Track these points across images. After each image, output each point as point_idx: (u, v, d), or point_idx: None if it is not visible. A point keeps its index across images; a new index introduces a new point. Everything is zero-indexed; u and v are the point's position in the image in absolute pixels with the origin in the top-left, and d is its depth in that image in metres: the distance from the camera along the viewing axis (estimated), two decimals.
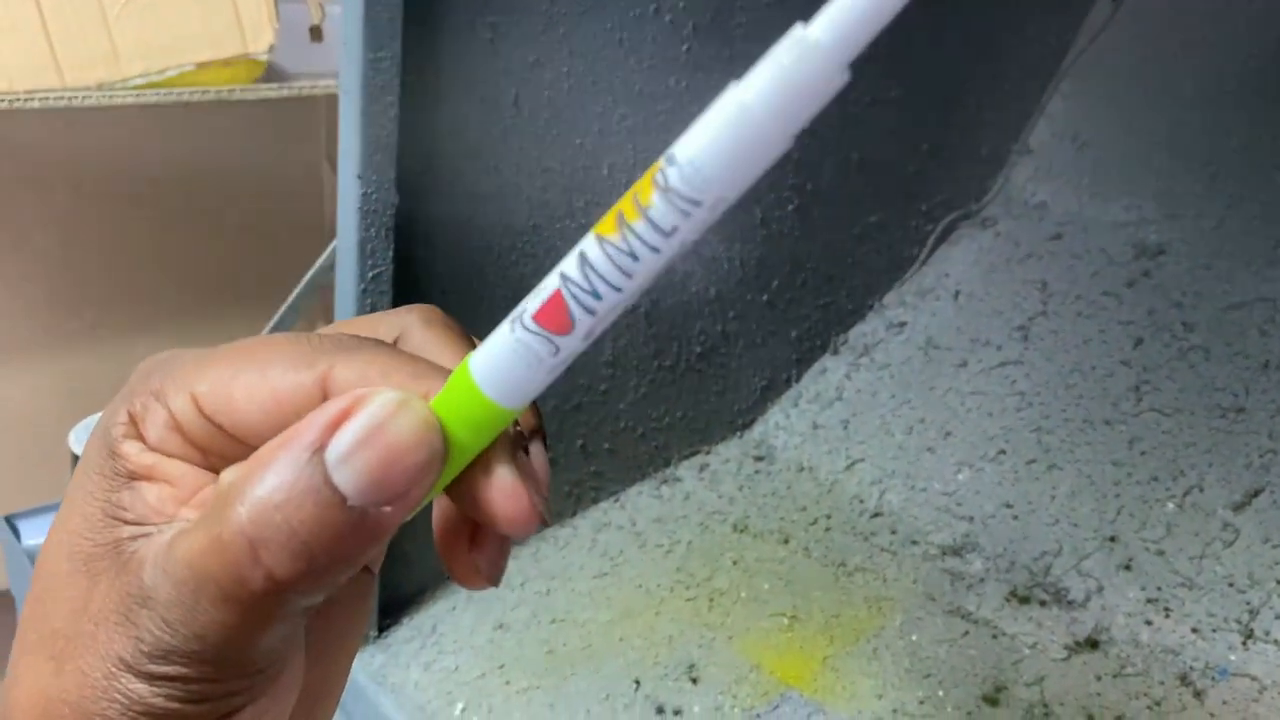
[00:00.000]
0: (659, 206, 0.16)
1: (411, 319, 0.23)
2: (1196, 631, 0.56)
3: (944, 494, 0.68)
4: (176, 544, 0.18)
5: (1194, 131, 0.72)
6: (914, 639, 0.58)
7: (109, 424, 0.20)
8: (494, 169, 0.56)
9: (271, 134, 1.33)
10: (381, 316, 0.24)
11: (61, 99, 1.04)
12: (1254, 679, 0.54)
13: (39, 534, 0.72)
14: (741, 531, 0.68)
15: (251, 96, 1.14)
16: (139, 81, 1.08)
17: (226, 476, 0.19)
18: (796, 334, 0.77)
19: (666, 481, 0.72)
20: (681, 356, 0.71)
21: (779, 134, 0.16)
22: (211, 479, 0.20)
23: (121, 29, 1.06)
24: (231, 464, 0.20)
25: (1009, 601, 0.61)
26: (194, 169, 1.30)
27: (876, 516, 0.69)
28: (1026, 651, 0.57)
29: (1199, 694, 0.53)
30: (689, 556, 0.66)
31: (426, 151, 0.52)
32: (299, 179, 1.37)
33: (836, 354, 0.79)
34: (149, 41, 1.07)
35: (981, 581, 0.62)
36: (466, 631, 0.60)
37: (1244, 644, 0.55)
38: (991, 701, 0.54)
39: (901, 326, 0.78)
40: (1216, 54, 0.71)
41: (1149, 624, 0.57)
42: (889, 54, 0.70)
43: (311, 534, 0.17)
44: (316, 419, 0.18)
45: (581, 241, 0.18)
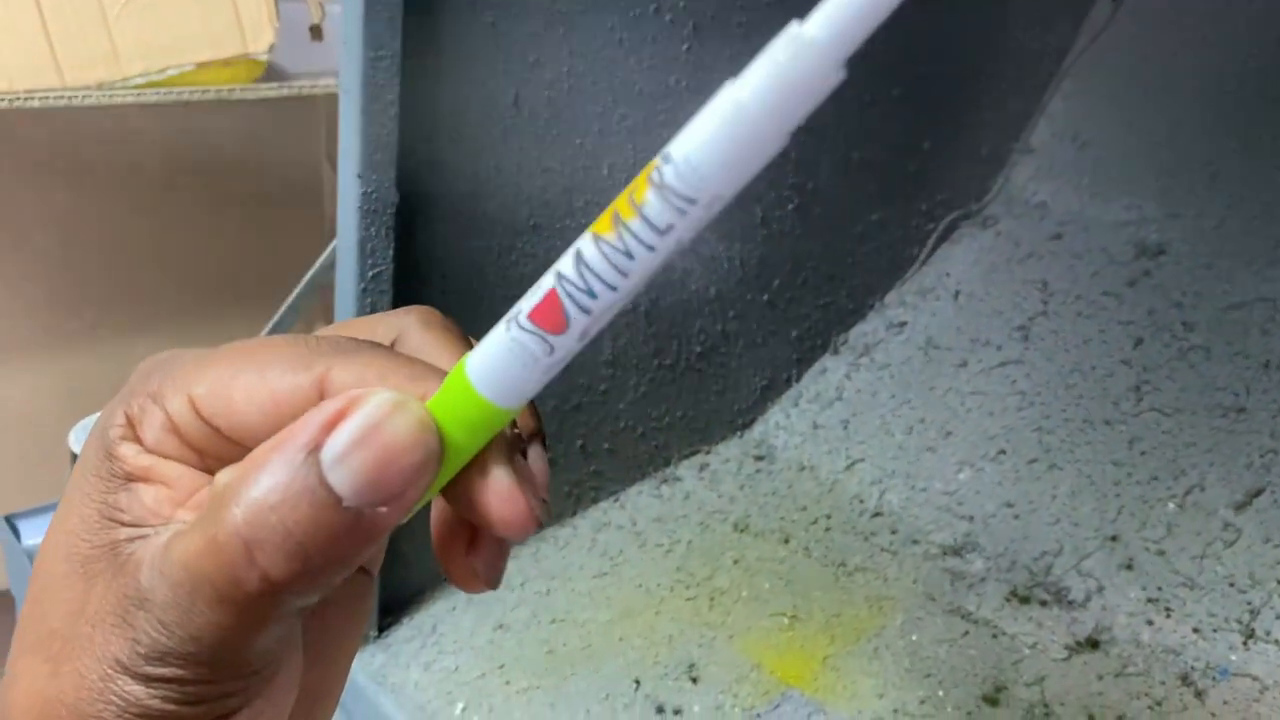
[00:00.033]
0: (654, 204, 0.16)
1: (410, 321, 0.23)
2: (1197, 631, 0.56)
3: (944, 494, 0.68)
4: (172, 546, 0.18)
5: (1194, 131, 0.72)
6: (914, 639, 0.58)
7: (106, 425, 0.20)
8: (494, 168, 0.56)
9: (272, 133, 1.33)
10: (379, 318, 0.23)
11: (61, 98, 1.04)
12: (1255, 679, 0.54)
13: (39, 534, 0.72)
14: (742, 531, 0.68)
15: (251, 96, 1.14)
16: (139, 81, 1.08)
17: (222, 478, 0.19)
18: (797, 333, 0.77)
19: (667, 481, 0.72)
20: (681, 356, 0.71)
21: (775, 132, 0.16)
22: (209, 481, 0.20)
23: (121, 29, 1.06)
24: (228, 466, 0.20)
25: (1009, 601, 0.61)
26: (194, 168, 1.30)
27: (877, 516, 0.69)
28: (1027, 651, 0.57)
29: (1200, 694, 0.53)
30: (689, 556, 0.66)
31: (427, 151, 0.52)
32: (299, 178, 1.37)
33: (837, 354, 0.79)
34: (149, 41, 1.07)
35: (982, 581, 0.62)
36: (467, 631, 0.60)
37: (1245, 644, 0.55)
38: (992, 701, 0.54)
39: (902, 326, 0.78)
40: (1217, 54, 0.71)
41: (1150, 624, 0.57)
42: (890, 53, 0.70)
43: (306, 535, 0.17)
44: (312, 419, 0.18)
45: (578, 240, 0.17)
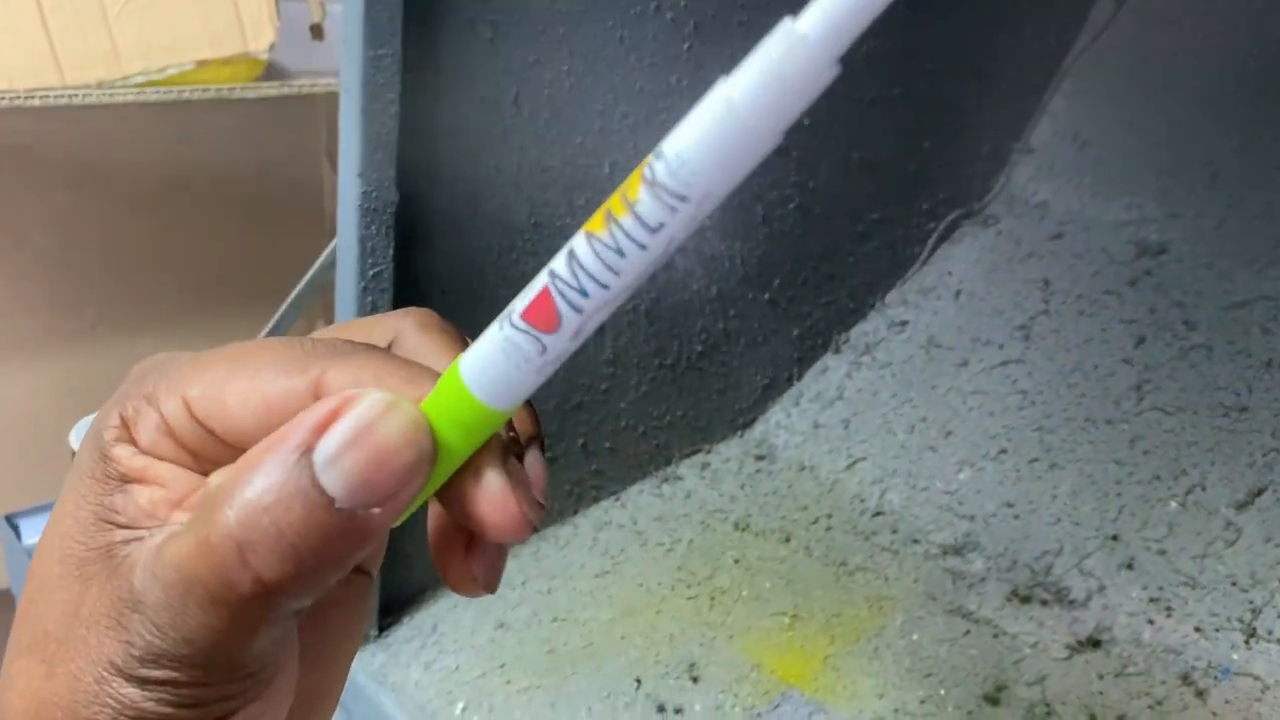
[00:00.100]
0: (646, 201, 0.16)
1: (407, 323, 0.23)
2: (1199, 631, 0.56)
3: (945, 493, 0.68)
4: (165, 547, 0.18)
5: (1195, 130, 0.72)
6: (915, 638, 0.58)
7: (101, 427, 0.20)
8: (494, 167, 0.56)
9: (272, 132, 1.33)
10: (376, 320, 0.23)
11: (62, 97, 1.04)
12: (1256, 678, 0.54)
13: (39, 533, 0.72)
14: (743, 530, 0.68)
15: (252, 95, 1.14)
16: (139, 80, 1.08)
17: (215, 479, 0.19)
18: (798, 332, 0.77)
19: (668, 480, 0.72)
20: (682, 355, 0.70)
21: (768, 129, 0.16)
22: (204, 483, 0.20)
23: (122, 27, 1.06)
24: (223, 467, 0.20)
25: (1010, 601, 0.60)
26: (194, 167, 1.29)
27: (878, 515, 0.69)
28: (1028, 651, 0.57)
29: (1201, 693, 0.53)
30: (690, 555, 0.66)
31: (427, 150, 0.52)
32: (299, 177, 1.37)
33: (838, 353, 0.79)
34: (149, 40, 1.07)
35: (983, 581, 0.62)
36: (467, 630, 0.60)
37: (1246, 643, 0.55)
38: (993, 701, 0.54)
39: (903, 325, 0.78)
40: (1218, 53, 0.71)
41: (1151, 623, 0.57)
42: (891, 52, 0.70)
43: (299, 536, 0.17)
44: (304, 420, 0.18)
45: (572, 238, 0.17)
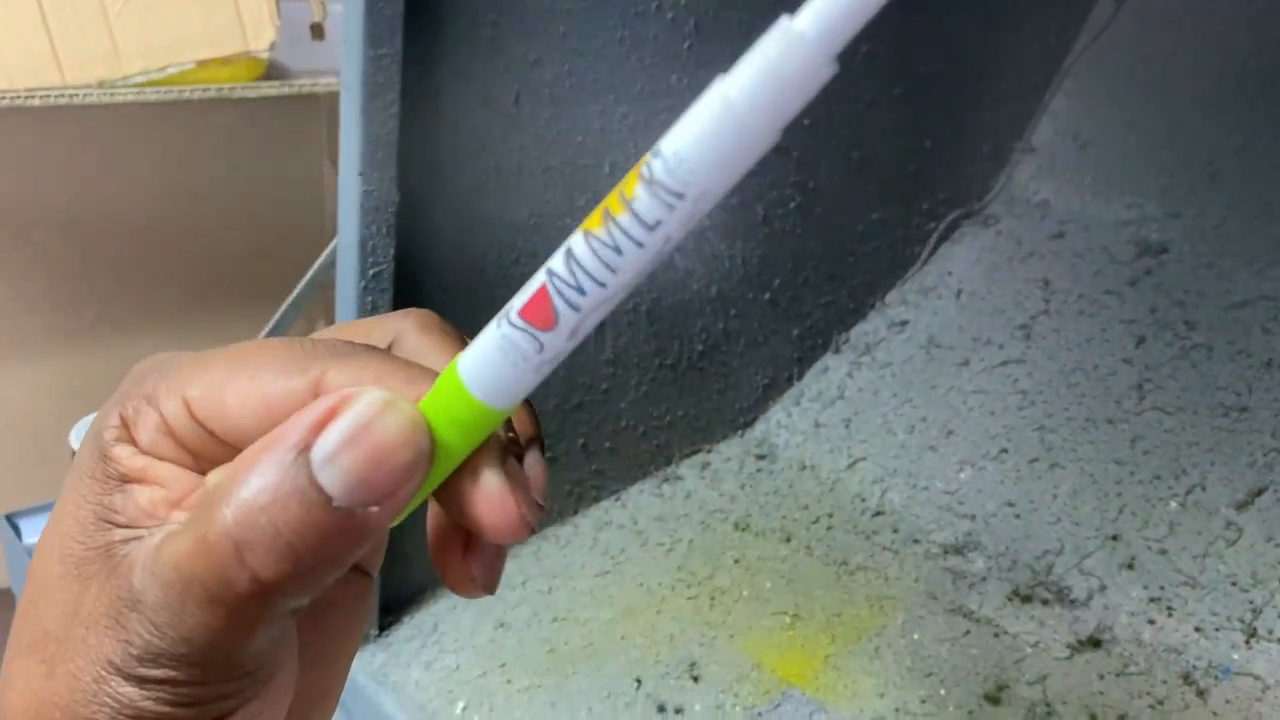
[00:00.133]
0: (643, 199, 0.16)
1: (407, 324, 0.23)
2: (1199, 630, 0.56)
3: (946, 493, 0.68)
4: (164, 547, 0.18)
5: (1196, 130, 0.72)
6: (916, 638, 0.58)
7: (101, 427, 0.20)
8: (495, 167, 0.56)
9: (272, 132, 1.33)
10: (377, 321, 0.23)
11: (62, 97, 1.04)
12: (1257, 678, 0.54)
13: (39, 533, 0.72)
14: (743, 530, 0.68)
15: (252, 94, 1.14)
16: (140, 79, 1.08)
17: (213, 478, 0.19)
18: (798, 332, 0.77)
19: (668, 480, 0.72)
20: (683, 355, 0.70)
21: (765, 128, 0.16)
22: (203, 482, 0.20)
23: (122, 27, 1.06)
24: (221, 466, 0.20)
25: (1011, 600, 0.60)
26: (195, 167, 1.29)
27: (878, 515, 0.69)
28: (1029, 650, 0.57)
29: (1202, 693, 0.53)
30: (690, 555, 0.66)
31: (428, 149, 0.52)
32: (300, 177, 1.37)
33: (838, 352, 0.79)
34: (150, 39, 1.07)
35: (983, 580, 0.62)
36: (467, 630, 0.60)
37: (1247, 643, 0.55)
38: (993, 700, 0.54)
39: (903, 325, 0.78)
40: (1218, 53, 0.71)
41: (1151, 623, 0.57)
42: (892, 52, 0.70)
43: (296, 535, 0.17)
44: (302, 419, 0.18)
45: (570, 237, 0.17)
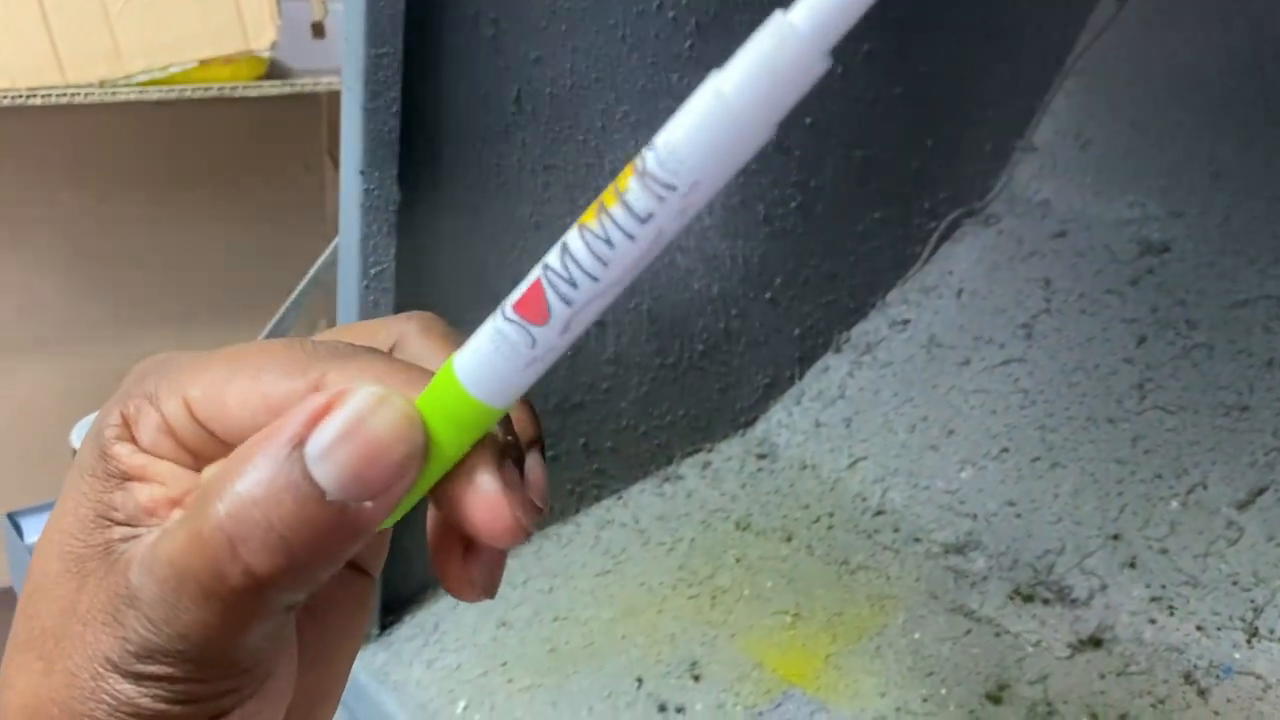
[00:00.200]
0: (635, 191, 0.16)
1: (410, 327, 0.23)
2: (1201, 630, 0.56)
3: (947, 492, 0.68)
4: (160, 543, 0.18)
5: (1197, 129, 0.72)
6: (917, 637, 0.58)
7: (102, 425, 0.20)
8: (496, 166, 0.56)
9: (274, 131, 1.33)
10: (379, 323, 0.23)
11: (64, 96, 1.04)
12: (1258, 677, 0.54)
13: (40, 531, 0.72)
14: (744, 529, 0.68)
15: (253, 93, 1.14)
16: (141, 78, 1.09)
17: (208, 473, 0.19)
18: (799, 332, 0.77)
19: (669, 479, 0.72)
20: (684, 354, 0.70)
21: (758, 121, 0.16)
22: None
23: (123, 26, 1.06)
24: (216, 462, 0.20)
25: (1012, 600, 0.60)
26: (196, 166, 1.30)
27: (879, 514, 0.69)
28: (1030, 650, 0.57)
29: (1203, 692, 0.53)
30: (691, 554, 0.66)
31: (429, 148, 0.52)
32: (301, 176, 1.37)
33: (839, 352, 0.79)
34: (151, 38, 1.07)
35: (984, 579, 0.62)
36: (469, 629, 0.60)
37: (1248, 642, 0.55)
38: (995, 700, 0.54)
39: (904, 324, 0.78)
40: (1219, 52, 0.71)
41: (1153, 622, 0.57)
42: (892, 51, 0.70)
43: (290, 529, 0.17)
44: (297, 414, 0.18)
45: (567, 232, 0.18)
